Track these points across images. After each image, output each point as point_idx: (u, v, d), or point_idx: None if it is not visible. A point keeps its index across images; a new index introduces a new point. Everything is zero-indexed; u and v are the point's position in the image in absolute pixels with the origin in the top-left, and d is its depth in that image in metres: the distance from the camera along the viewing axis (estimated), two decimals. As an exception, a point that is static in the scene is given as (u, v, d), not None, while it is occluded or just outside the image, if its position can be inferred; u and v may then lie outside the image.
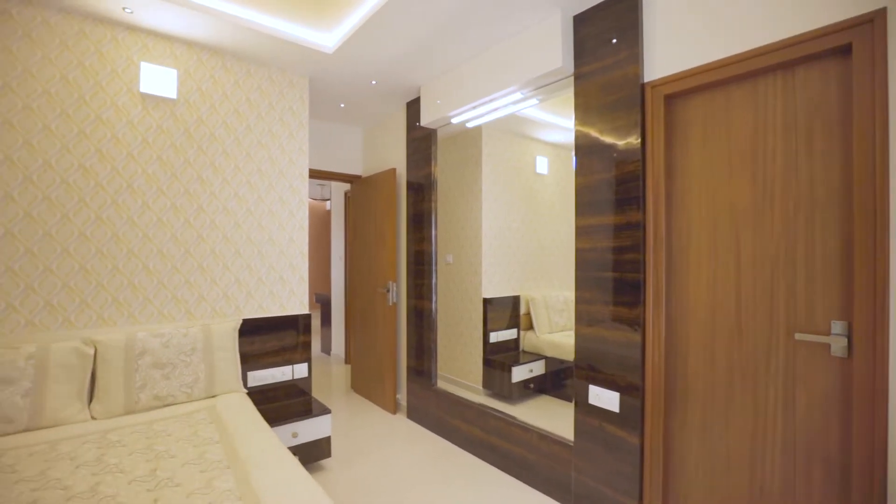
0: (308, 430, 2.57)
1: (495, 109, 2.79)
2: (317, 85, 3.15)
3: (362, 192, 4.11)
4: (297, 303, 2.96)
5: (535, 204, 2.99)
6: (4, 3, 2.10)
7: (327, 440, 2.65)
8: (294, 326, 2.93)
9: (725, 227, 1.82)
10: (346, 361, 5.17)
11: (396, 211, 3.62)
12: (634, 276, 2.00)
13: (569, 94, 2.36)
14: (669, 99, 1.95)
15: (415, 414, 3.42)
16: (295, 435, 2.51)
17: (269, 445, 1.80)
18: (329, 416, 2.64)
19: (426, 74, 3.02)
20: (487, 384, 3.08)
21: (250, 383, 2.74)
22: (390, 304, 3.59)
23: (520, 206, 3.05)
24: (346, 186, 5.21)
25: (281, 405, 2.68)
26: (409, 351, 3.52)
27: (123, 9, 2.22)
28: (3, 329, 2.09)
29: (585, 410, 2.20)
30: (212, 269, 2.64)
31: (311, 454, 2.57)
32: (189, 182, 2.57)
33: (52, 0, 2.14)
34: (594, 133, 2.16)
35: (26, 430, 1.94)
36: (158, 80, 2.45)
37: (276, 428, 2.42)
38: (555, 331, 3.00)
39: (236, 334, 2.59)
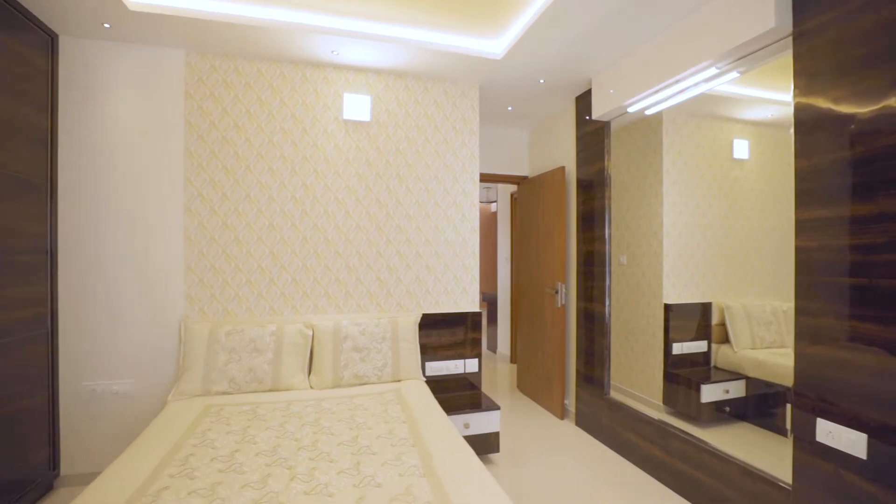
0: (478, 422, 2.68)
1: (681, 91, 2.47)
2: (486, 91, 3.28)
3: (529, 192, 4.11)
4: (469, 301, 3.13)
5: (731, 195, 2.55)
6: (258, 64, 2.76)
7: (496, 435, 2.73)
8: (466, 323, 3.11)
9: None
10: (512, 360, 5.24)
11: (565, 210, 3.51)
12: (893, 283, 1.52)
13: (780, 60, 1.93)
14: (953, 42, 1.42)
15: (584, 422, 3.26)
16: (467, 426, 2.65)
17: (447, 431, 1.93)
18: (498, 412, 2.71)
19: (598, 64, 2.85)
20: (669, 400, 2.74)
21: (427, 373, 3.00)
22: (559, 305, 3.51)
23: (711, 199, 2.64)
24: (512, 188, 5.29)
25: (453, 396, 2.86)
26: (579, 356, 3.37)
27: (332, 51, 2.68)
28: (255, 311, 2.74)
29: (810, 449, 1.76)
30: (397, 268, 2.99)
31: (481, 446, 2.68)
32: (379, 192, 2.96)
33: (286, 55, 2.71)
34: (824, 102, 1.72)
35: (269, 390, 2.49)
36: (357, 107, 2.88)
37: (450, 416, 2.60)
38: (759, 346, 2.50)
39: (417, 327, 2.88)
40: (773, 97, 2.17)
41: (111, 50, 2.54)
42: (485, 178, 4.14)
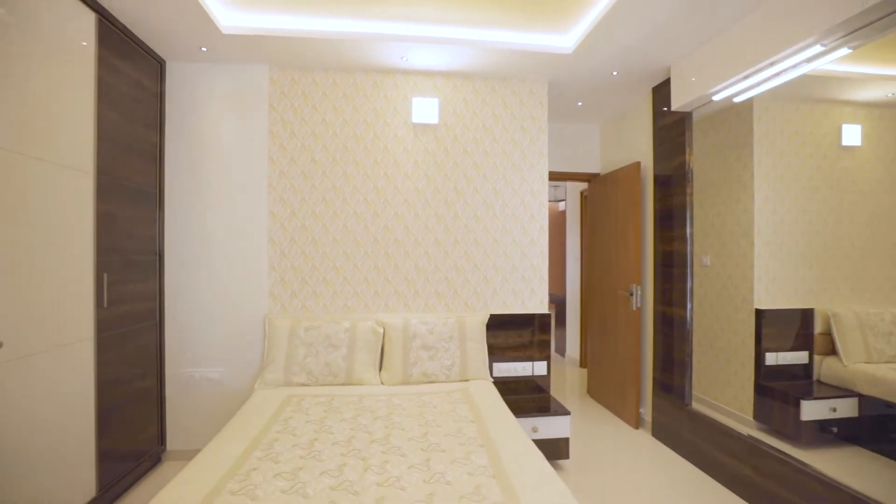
0: (547, 427, 2.62)
1: (777, 74, 2.23)
2: (555, 88, 3.20)
3: (600, 190, 3.95)
4: (537, 302, 3.07)
5: (840, 187, 2.27)
6: (333, 75, 2.91)
7: (565, 441, 2.65)
8: (534, 325, 3.05)
9: None
10: (582, 365, 5.06)
11: (640, 208, 3.32)
12: None
13: (906, 31, 1.68)
14: None
15: (661, 433, 3.06)
16: (535, 430, 2.60)
17: (515, 434, 1.91)
18: (568, 417, 2.63)
19: (677, 52, 2.67)
20: (761, 416, 2.49)
21: (494, 374, 2.99)
22: (633, 308, 3.33)
23: (814, 192, 2.36)
24: (582, 186, 5.11)
25: (521, 398, 2.82)
26: (656, 362, 3.18)
27: (402, 58, 2.76)
28: (331, 308, 2.90)
29: (945, 482, 1.51)
30: (464, 268, 3.00)
31: (549, 452, 2.61)
32: (447, 193, 2.99)
33: (358, 64, 2.84)
34: (962, 77, 1.47)
35: (343, 384, 2.62)
36: (425, 110, 2.94)
37: (517, 419, 2.56)
38: (876, 360, 2.19)
39: (484, 328, 2.88)
40: (894, 73, 1.89)
41: (207, 70, 2.81)
42: (553, 176, 4.03)
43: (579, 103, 3.55)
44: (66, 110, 1.97)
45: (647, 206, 3.34)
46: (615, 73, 2.97)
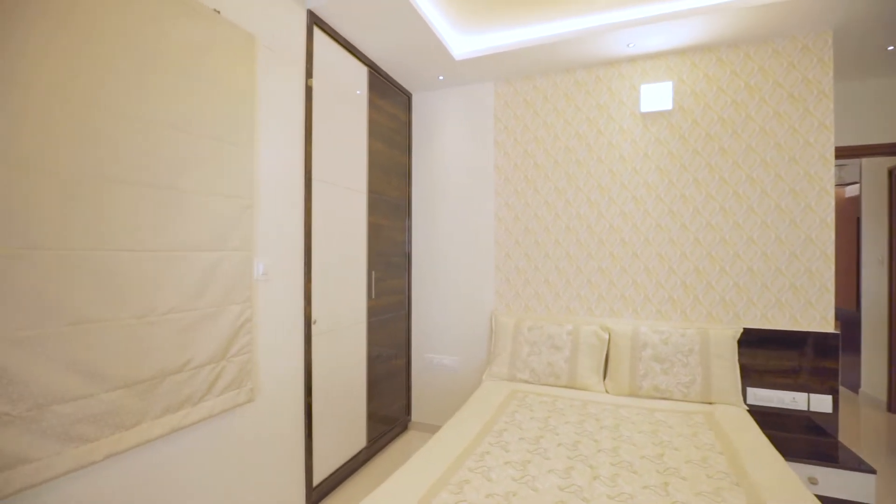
0: (833, 481, 2.00)
1: None
2: (843, 36, 2.42)
3: (926, 166, 2.80)
4: (815, 317, 2.38)
5: None
6: (553, 77, 2.93)
7: (866, 508, 1.97)
8: (812, 346, 2.38)
9: None
10: (890, 409, 3.68)
11: None
12: None
13: None
14: None
15: None
16: (813, 481, 2.03)
17: (787, 481, 1.52)
18: (873, 477, 1.95)
19: None
20: None
21: (749, 400, 2.46)
22: None
23: None
24: (890, 162, 3.72)
25: (786, 437, 2.24)
26: None
27: (628, 45, 2.56)
28: (552, 309, 2.91)
29: None
30: (707, 272, 2.57)
31: (840, 516, 1.99)
32: (684, 186, 2.63)
33: (579, 61, 2.78)
34: None
35: (565, 386, 2.59)
36: (655, 96, 2.65)
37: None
38: None
39: (735, 343, 2.41)
40: None
41: (442, 95, 3.23)
42: (841, 152, 3.06)
43: (889, 48, 2.60)
44: (352, 146, 2.58)
45: None
46: (961, -6, 2.06)
